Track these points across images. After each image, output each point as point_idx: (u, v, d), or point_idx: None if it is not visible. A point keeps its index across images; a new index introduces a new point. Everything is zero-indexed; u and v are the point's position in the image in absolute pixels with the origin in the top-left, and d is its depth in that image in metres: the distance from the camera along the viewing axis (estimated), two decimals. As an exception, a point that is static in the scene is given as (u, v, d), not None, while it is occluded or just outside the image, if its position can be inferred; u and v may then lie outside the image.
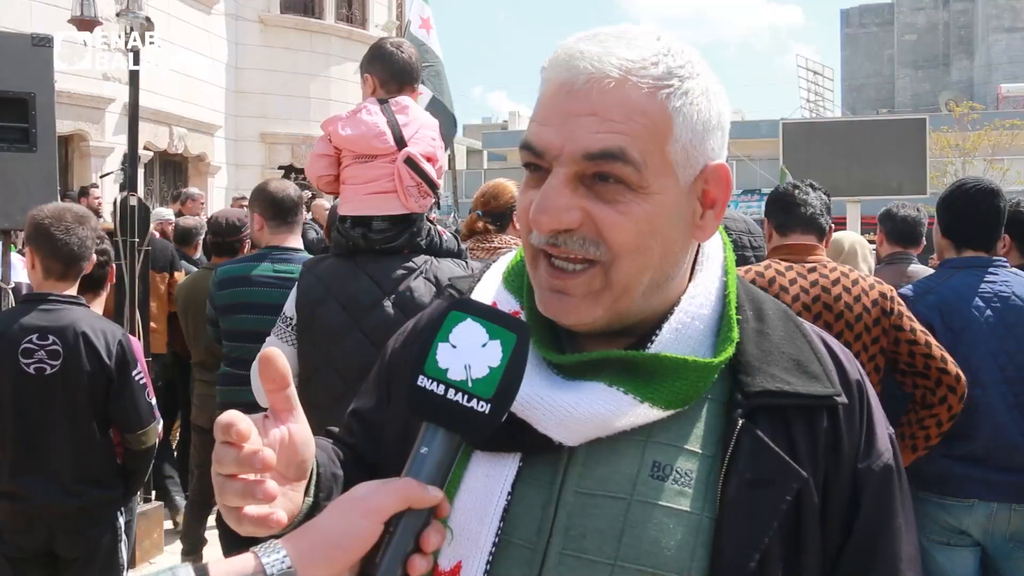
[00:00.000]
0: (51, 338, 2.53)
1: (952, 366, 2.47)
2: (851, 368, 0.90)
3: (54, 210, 2.61)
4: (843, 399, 0.86)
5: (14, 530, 2.57)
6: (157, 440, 2.77)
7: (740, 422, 0.83)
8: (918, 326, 2.50)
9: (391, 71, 2.41)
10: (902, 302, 2.53)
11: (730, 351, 0.85)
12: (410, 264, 2.29)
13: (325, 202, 8.77)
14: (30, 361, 2.51)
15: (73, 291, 2.66)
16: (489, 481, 0.85)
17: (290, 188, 3.30)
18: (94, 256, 2.72)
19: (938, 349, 2.48)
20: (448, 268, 2.32)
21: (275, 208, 3.21)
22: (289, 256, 3.21)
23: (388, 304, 2.24)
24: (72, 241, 2.58)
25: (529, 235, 0.85)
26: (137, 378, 2.68)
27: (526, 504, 0.84)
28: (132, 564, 4.31)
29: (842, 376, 0.88)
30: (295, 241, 3.27)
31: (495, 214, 3.13)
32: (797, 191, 2.67)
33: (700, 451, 0.84)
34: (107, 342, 2.61)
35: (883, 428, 0.89)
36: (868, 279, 2.54)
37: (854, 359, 0.93)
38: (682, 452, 0.83)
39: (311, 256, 2.90)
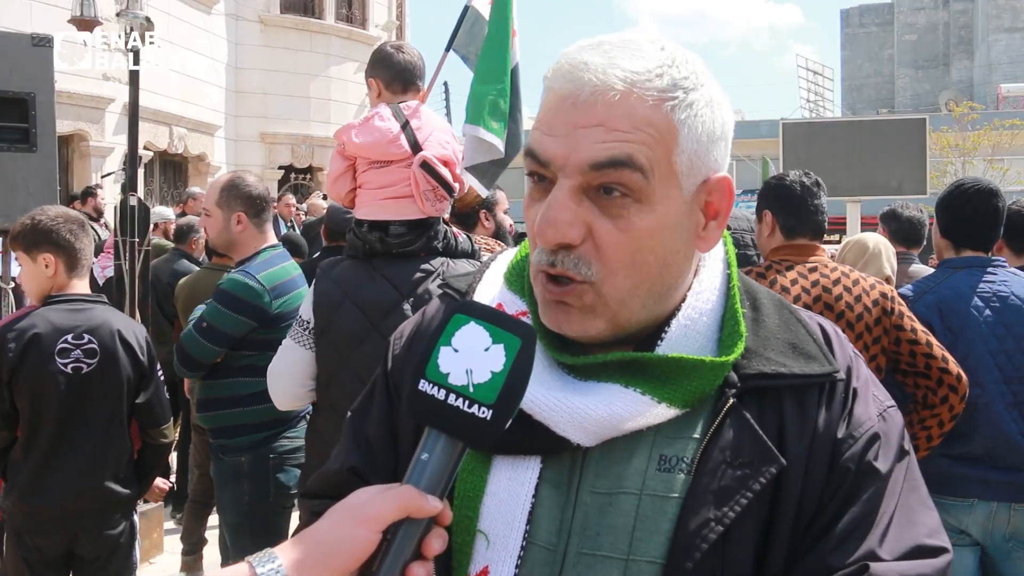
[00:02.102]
0: (87, 337, 2.55)
1: (953, 366, 2.46)
2: (840, 348, 0.91)
3: (62, 212, 2.63)
4: (841, 375, 0.87)
5: (36, 531, 2.57)
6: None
7: (730, 401, 0.84)
8: (919, 326, 2.50)
9: (393, 72, 2.43)
10: (903, 302, 2.53)
11: (741, 346, 0.85)
12: (427, 267, 2.29)
13: (321, 201, 8.78)
14: (67, 361, 2.52)
15: (88, 290, 2.69)
16: (512, 485, 0.85)
17: (260, 181, 3.07)
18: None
19: (939, 349, 2.47)
20: (463, 269, 2.31)
21: (259, 205, 2.95)
22: (286, 254, 3.05)
23: (407, 307, 2.24)
24: (90, 240, 2.66)
25: (535, 250, 0.85)
26: (159, 374, 2.77)
27: (547, 506, 0.85)
28: (132, 564, 4.33)
29: (832, 356, 0.89)
30: (274, 237, 3.07)
31: (460, 214, 3.24)
32: (811, 197, 2.62)
33: (699, 438, 0.84)
34: (138, 339, 2.67)
35: (871, 402, 0.88)
36: (868, 279, 2.53)
37: (846, 340, 0.93)
38: (688, 442, 0.84)
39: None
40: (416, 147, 2.28)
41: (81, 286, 2.64)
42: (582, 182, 0.80)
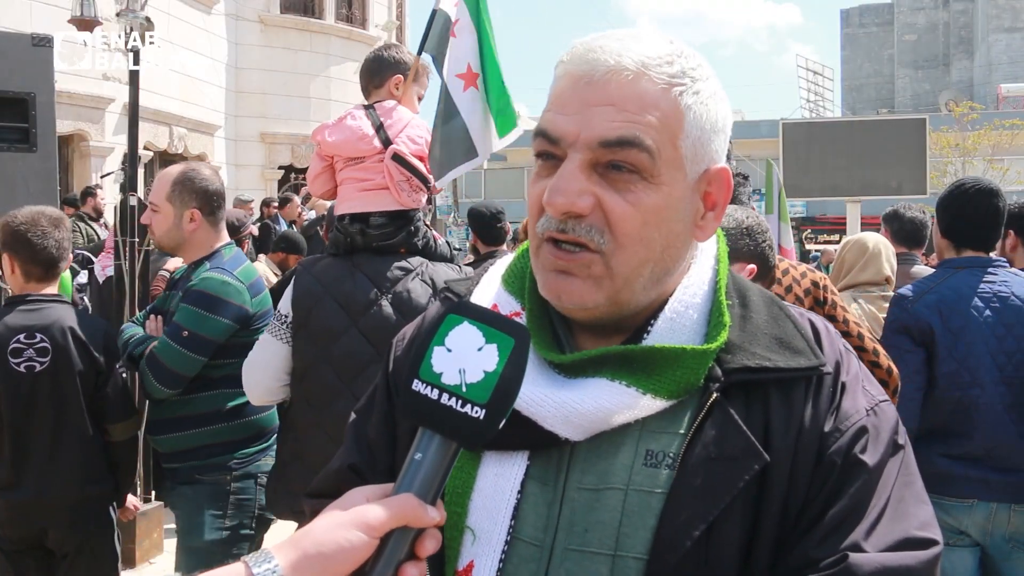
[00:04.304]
0: (39, 336, 2.55)
1: (884, 359, 2.43)
2: (829, 344, 0.91)
3: (29, 215, 2.62)
4: (828, 369, 0.87)
5: (6, 524, 2.59)
6: (139, 433, 2.80)
7: (714, 396, 0.84)
8: (851, 317, 2.46)
9: (360, 78, 2.58)
10: (835, 291, 2.49)
11: (724, 336, 0.86)
12: (405, 265, 2.33)
13: (324, 202, 8.83)
14: (19, 360, 2.54)
15: (53, 290, 2.68)
16: (499, 481, 0.86)
17: (216, 175, 2.76)
18: (70, 256, 2.75)
19: (871, 342, 2.43)
20: (444, 272, 2.36)
21: (215, 201, 2.66)
22: (242, 255, 2.77)
23: (386, 303, 2.28)
24: (50, 245, 2.61)
25: (537, 222, 0.87)
26: (120, 370, 2.73)
27: (533, 502, 0.86)
28: (132, 564, 4.32)
29: (821, 351, 0.89)
30: (227, 235, 2.77)
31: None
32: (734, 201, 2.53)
33: (684, 433, 0.85)
34: (93, 335, 2.64)
35: (860, 396, 0.88)
36: (799, 268, 2.48)
37: (837, 336, 0.94)
38: (675, 437, 0.85)
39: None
40: (388, 142, 2.36)
41: (45, 287, 2.64)
42: (591, 158, 0.83)
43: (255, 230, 7.64)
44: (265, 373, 2.36)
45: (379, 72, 2.54)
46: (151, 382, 2.50)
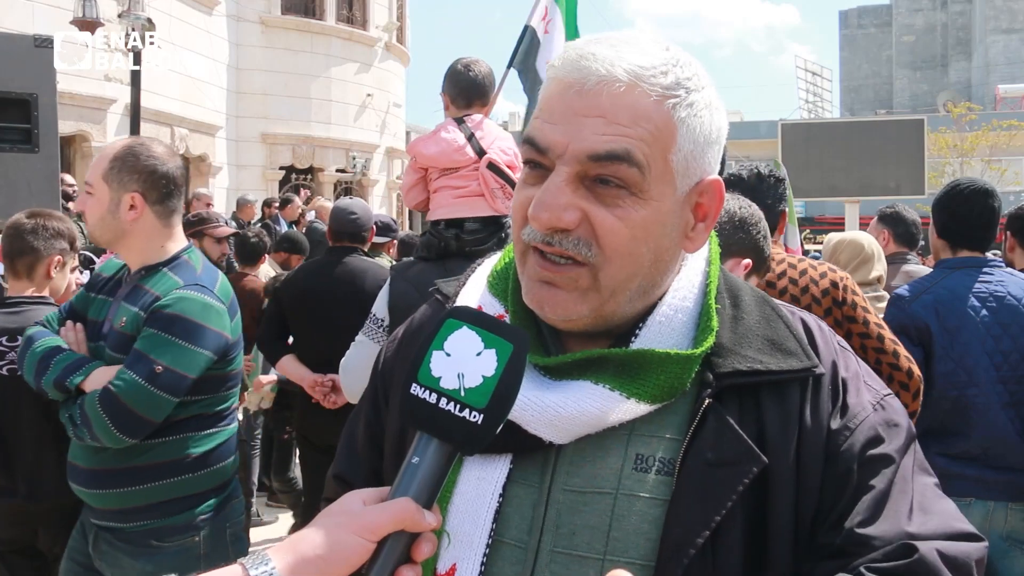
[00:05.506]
0: (19, 339, 2.52)
1: (904, 361, 2.36)
2: (823, 343, 0.91)
3: (17, 215, 2.62)
4: (821, 370, 0.87)
5: None
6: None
7: (707, 402, 0.83)
8: (872, 318, 2.38)
9: (458, 88, 2.65)
10: (857, 291, 2.41)
11: (711, 340, 0.85)
12: None
13: (326, 202, 8.88)
14: (2, 363, 2.53)
15: (41, 292, 2.68)
16: (481, 484, 0.86)
17: (173, 155, 2.14)
18: (57, 257, 2.70)
19: (891, 343, 2.37)
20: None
21: (164, 186, 2.06)
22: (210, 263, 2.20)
23: None
24: (25, 246, 2.60)
25: (522, 230, 0.86)
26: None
27: (516, 504, 0.85)
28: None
29: (815, 351, 0.89)
30: (184, 239, 2.18)
31: None
32: (763, 197, 2.41)
33: (678, 438, 0.84)
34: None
35: (864, 392, 0.88)
36: (819, 268, 2.41)
37: (831, 334, 0.94)
38: (663, 441, 0.84)
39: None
40: (481, 153, 2.49)
41: (28, 288, 2.64)
42: (579, 171, 0.81)
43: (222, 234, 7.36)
44: (364, 373, 2.45)
45: (484, 94, 2.66)
46: (107, 429, 1.93)
